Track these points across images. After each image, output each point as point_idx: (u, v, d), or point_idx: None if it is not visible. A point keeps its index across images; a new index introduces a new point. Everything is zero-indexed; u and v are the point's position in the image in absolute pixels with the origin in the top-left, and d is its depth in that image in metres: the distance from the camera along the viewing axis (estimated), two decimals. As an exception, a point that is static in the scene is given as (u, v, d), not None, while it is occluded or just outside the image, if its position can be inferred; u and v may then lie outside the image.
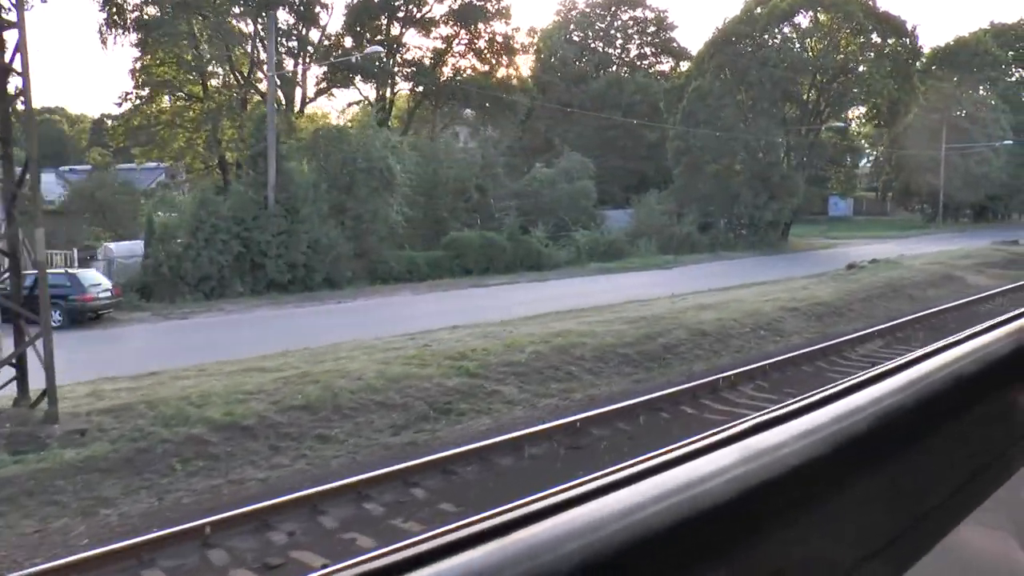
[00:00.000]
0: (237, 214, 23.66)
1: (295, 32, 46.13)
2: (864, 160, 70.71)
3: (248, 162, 24.48)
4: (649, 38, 60.79)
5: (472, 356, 12.33)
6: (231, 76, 44.76)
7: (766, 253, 37.91)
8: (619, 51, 61.76)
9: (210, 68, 42.63)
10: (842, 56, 39.38)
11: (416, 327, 16.81)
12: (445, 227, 33.25)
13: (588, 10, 61.47)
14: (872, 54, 39.76)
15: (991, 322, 0.95)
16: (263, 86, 46.19)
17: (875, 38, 40.63)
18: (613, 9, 61.02)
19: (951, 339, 0.86)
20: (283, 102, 45.17)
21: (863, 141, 67.02)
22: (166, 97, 44.01)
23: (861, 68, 38.99)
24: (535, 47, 51.78)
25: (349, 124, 29.60)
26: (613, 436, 9.41)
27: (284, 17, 45.63)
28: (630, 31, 61.14)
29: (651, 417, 10.12)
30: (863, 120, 52.92)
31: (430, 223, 34.09)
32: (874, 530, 0.59)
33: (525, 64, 57.64)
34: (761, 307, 17.83)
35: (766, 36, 39.22)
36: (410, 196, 29.39)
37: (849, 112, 47.64)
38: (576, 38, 60.23)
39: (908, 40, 40.36)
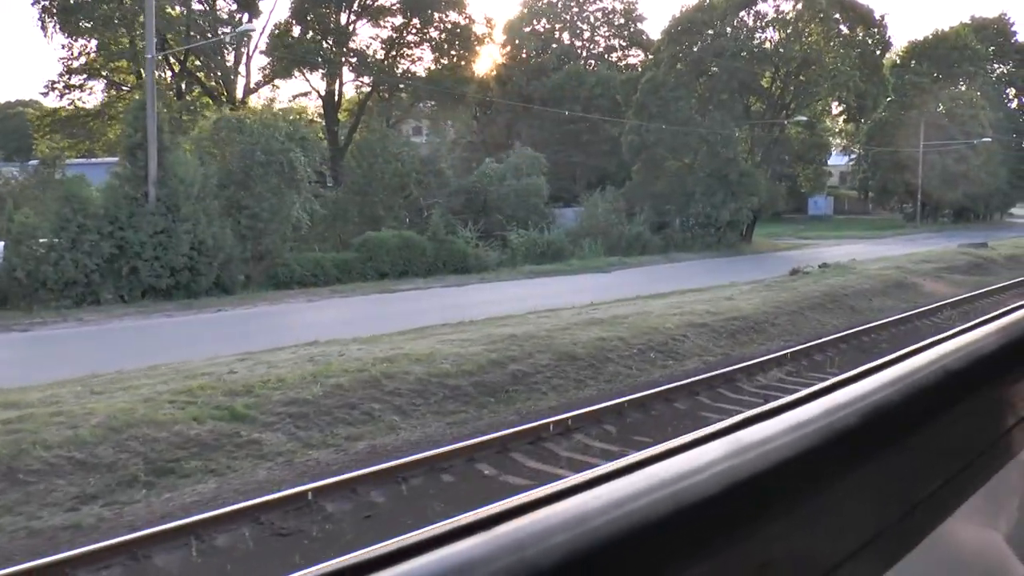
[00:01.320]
0: (110, 211, 21.26)
1: (235, 19, 43.67)
2: (847, 158, 68.57)
3: (125, 154, 22.04)
4: (617, 30, 58.37)
5: (259, 390, 10.02)
6: (167, 65, 42.39)
7: (723, 255, 35.63)
8: (587, 43, 59.38)
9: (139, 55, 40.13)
10: (805, 47, 37.02)
11: (273, 342, 14.52)
12: (382, 225, 31.12)
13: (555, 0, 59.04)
14: (837, 44, 37.38)
15: (981, 319, 0.94)
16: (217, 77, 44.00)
17: (842, 28, 38.29)
18: (581, -1, 58.64)
19: (940, 336, 0.85)
20: (225, 93, 42.92)
21: (842, 138, 64.83)
22: (95, 85, 41.71)
23: (825, 59, 36.57)
24: (491, 38, 49.15)
25: (249, 113, 27.13)
26: (350, 514, 7.09)
27: (224, 4, 43.32)
28: (597, 22, 58.75)
29: (426, 481, 7.81)
30: (838, 117, 50.66)
31: (366, 221, 31.87)
32: (862, 524, 0.60)
33: (488, 57, 55.41)
34: (665, 322, 15.51)
35: (724, 25, 36.83)
36: (322, 194, 27.09)
37: (827, 107, 45.44)
38: (542, 29, 57.83)
39: (876, 30, 38.03)
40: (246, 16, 44.03)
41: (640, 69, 52.31)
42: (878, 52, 38.73)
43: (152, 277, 21.36)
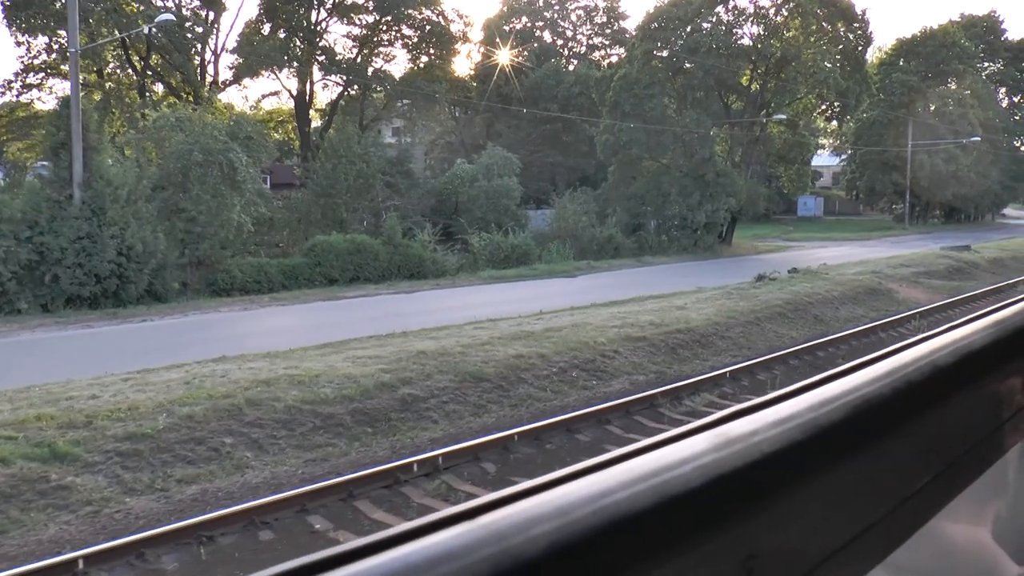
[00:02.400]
0: (28, 216, 20.03)
1: (200, 16, 42.46)
2: (839, 158, 67.31)
3: (48, 155, 20.83)
4: (598, 28, 57.14)
5: (99, 421, 8.80)
6: (129, 62, 41.24)
7: (699, 257, 34.41)
8: (568, 41, 58.14)
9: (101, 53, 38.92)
10: (784, 43, 35.77)
11: (182, 357, 13.33)
12: (346, 228, 30.00)
13: (537, -3, 57.80)
14: (817, 40, 36.11)
15: (971, 315, 0.93)
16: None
17: (823, 24, 37.01)
18: (563, -4, 57.36)
19: (930, 332, 0.84)
20: (193, 92, 41.71)
21: (834, 137, 63.60)
22: (54, 84, 40.44)
23: (805, 56, 35.31)
24: (468, 37, 47.88)
25: (211, 111, 25.91)
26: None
27: (189, 1, 42.14)
28: (579, 20, 57.53)
29: (239, 540, 6.58)
30: (823, 115, 49.41)
31: (330, 223, 30.71)
32: (850, 519, 0.60)
33: (466, 56, 54.25)
34: (600, 335, 14.29)
35: (701, 21, 35.58)
36: (287, 196, 25.88)
37: (815, 105, 44.16)
38: (521, 27, 56.56)
39: (858, 25, 36.79)
40: (211, 13, 42.94)
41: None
42: (860, 48, 37.48)
43: (75, 285, 20.12)
